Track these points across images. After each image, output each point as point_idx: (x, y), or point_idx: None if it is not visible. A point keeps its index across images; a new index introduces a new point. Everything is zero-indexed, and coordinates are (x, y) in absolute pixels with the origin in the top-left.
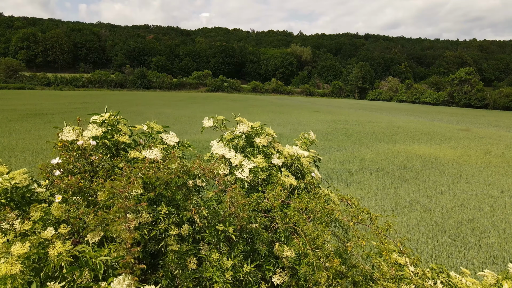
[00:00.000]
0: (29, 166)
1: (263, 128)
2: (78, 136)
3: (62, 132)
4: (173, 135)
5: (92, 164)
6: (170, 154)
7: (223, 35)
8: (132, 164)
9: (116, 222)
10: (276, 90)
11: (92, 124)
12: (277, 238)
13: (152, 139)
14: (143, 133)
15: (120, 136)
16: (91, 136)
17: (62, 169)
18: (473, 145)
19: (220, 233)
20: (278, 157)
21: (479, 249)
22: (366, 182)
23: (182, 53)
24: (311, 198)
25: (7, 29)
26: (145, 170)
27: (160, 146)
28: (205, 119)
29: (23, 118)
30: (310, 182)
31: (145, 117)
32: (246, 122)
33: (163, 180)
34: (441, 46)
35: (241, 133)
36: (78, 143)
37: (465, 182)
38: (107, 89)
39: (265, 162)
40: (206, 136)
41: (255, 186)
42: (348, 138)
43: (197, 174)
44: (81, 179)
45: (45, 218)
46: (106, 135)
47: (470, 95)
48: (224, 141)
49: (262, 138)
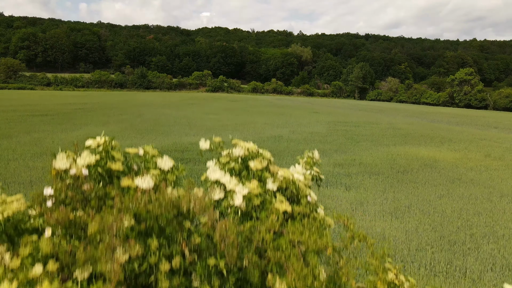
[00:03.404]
0: (28, 169)
1: (259, 152)
2: (72, 164)
3: (56, 160)
4: (167, 159)
5: (84, 193)
6: (162, 183)
7: (223, 35)
8: (125, 193)
9: (103, 260)
10: (276, 90)
11: (86, 151)
12: (270, 269)
13: (147, 162)
14: (139, 157)
15: (113, 164)
16: (85, 164)
17: (55, 198)
18: (472, 147)
19: (211, 268)
20: (273, 181)
21: (477, 256)
22: (365, 186)
23: (182, 53)
24: (304, 228)
25: (7, 29)
26: (136, 202)
27: (154, 171)
28: (202, 140)
29: (22, 119)
30: (305, 210)
31: (144, 118)
32: (243, 144)
33: (154, 213)
34: (441, 46)
35: (238, 156)
36: (71, 172)
37: (464, 186)
38: (107, 89)
39: (260, 188)
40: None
41: (249, 212)
42: (347, 140)
43: (187, 208)
44: (73, 210)
45: (34, 254)
46: (100, 162)
47: (470, 95)
48: (219, 164)
49: (257, 163)
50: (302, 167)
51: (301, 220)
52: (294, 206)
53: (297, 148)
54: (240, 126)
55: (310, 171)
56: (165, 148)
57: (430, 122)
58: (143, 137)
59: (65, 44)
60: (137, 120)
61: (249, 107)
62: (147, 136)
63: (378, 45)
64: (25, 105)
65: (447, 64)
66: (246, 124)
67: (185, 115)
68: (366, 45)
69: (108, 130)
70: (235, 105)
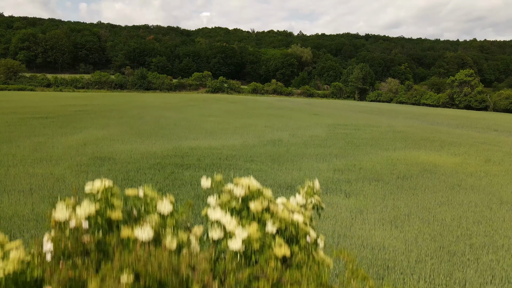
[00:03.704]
0: (28, 176)
1: (260, 191)
2: (71, 214)
3: (55, 211)
4: (167, 203)
5: (84, 245)
6: (162, 233)
7: (223, 35)
8: (124, 245)
9: None
10: (276, 91)
11: (86, 201)
12: None
13: (147, 205)
14: (138, 200)
15: (113, 212)
16: (85, 214)
17: (54, 251)
18: (472, 151)
19: None
20: (273, 223)
21: (477, 268)
22: (365, 193)
23: (182, 54)
24: (302, 276)
25: (7, 30)
26: (136, 259)
27: (154, 216)
28: (203, 178)
29: (22, 122)
30: (303, 258)
31: (144, 121)
32: (244, 182)
33: (154, 275)
34: (441, 46)
35: (238, 196)
36: (71, 225)
37: (464, 193)
38: (107, 90)
39: (259, 231)
40: (205, 143)
41: (248, 256)
42: (347, 144)
43: (186, 275)
44: (72, 265)
45: None
46: (100, 211)
47: (470, 97)
48: (220, 203)
49: (258, 204)
50: (303, 197)
51: (300, 267)
52: (293, 246)
53: (297, 153)
54: (240, 129)
55: (311, 199)
56: (165, 153)
57: (430, 125)
58: (143, 141)
59: (65, 44)
60: (137, 123)
61: (249, 109)
62: (147, 140)
63: (378, 46)
64: (25, 107)
65: (447, 65)
66: (246, 127)
67: (185, 118)
68: (366, 45)
69: (108, 134)
70: (235, 106)
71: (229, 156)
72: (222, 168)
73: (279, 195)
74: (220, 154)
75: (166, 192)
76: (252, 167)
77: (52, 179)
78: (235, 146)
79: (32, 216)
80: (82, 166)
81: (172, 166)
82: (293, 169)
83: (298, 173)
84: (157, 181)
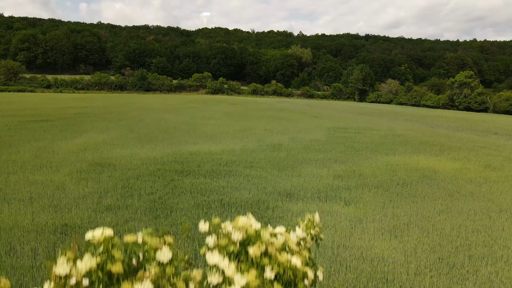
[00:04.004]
0: (28, 184)
1: (258, 233)
2: (72, 268)
3: (56, 266)
4: (166, 251)
5: None
6: (162, 284)
7: (223, 36)
8: None
9: None
10: (276, 92)
11: (87, 255)
12: None
13: (146, 253)
14: (137, 246)
15: (113, 266)
16: (86, 269)
17: None
18: (472, 156)
19: None
20: (271, 268)
21: (476, 281)
22: (365, 200)
23: (182, 55)
24: None
25: (7, 31)
26: None
27: (153, 266)
28: (201, 223)
29: (22, 125)
30: None
31: (144, 123)
32: (242, 225)
33: None
34: (441, 47)
35: (236, 241)
36: (71, 282)
37: (463, 200)
38: (107, 91)
39: (258, 278)
40: (205, 147)
41: None
42: (347, 148)
43: None
44: None
45: None
46: (101, 264)
47: (470, 98)
48: (218, 247)
49: (256, 249)
50: (303, 231)
51: None
52: None
53: (297, 158)
54: (239, 132)
55: (311, 231)
56: (165, 159)
57: (430, 127)
58: (143, 146)
59: (65, 45)
60: (137, 125)
61: (249, 111)
62: (147, 145)
63: (378, 46)
64: (25, 109)
65: (447, 65)
66: (246, 130)
67: (184, 120)
68: (366, 46)
69: (108, 138)
70: (235, 108)
71: (229, 162)
72: (222, 175)
73: (278, 203)
74: (220, 160)
75: (166, 200)
76: (252, 174)
77: (52, 187)
78: (235, 151)
79: (32, 227)
80: (82, 173)
81: (172, 173)
82: (293, 175)
83: (298, 179)
84: (157, 189)
